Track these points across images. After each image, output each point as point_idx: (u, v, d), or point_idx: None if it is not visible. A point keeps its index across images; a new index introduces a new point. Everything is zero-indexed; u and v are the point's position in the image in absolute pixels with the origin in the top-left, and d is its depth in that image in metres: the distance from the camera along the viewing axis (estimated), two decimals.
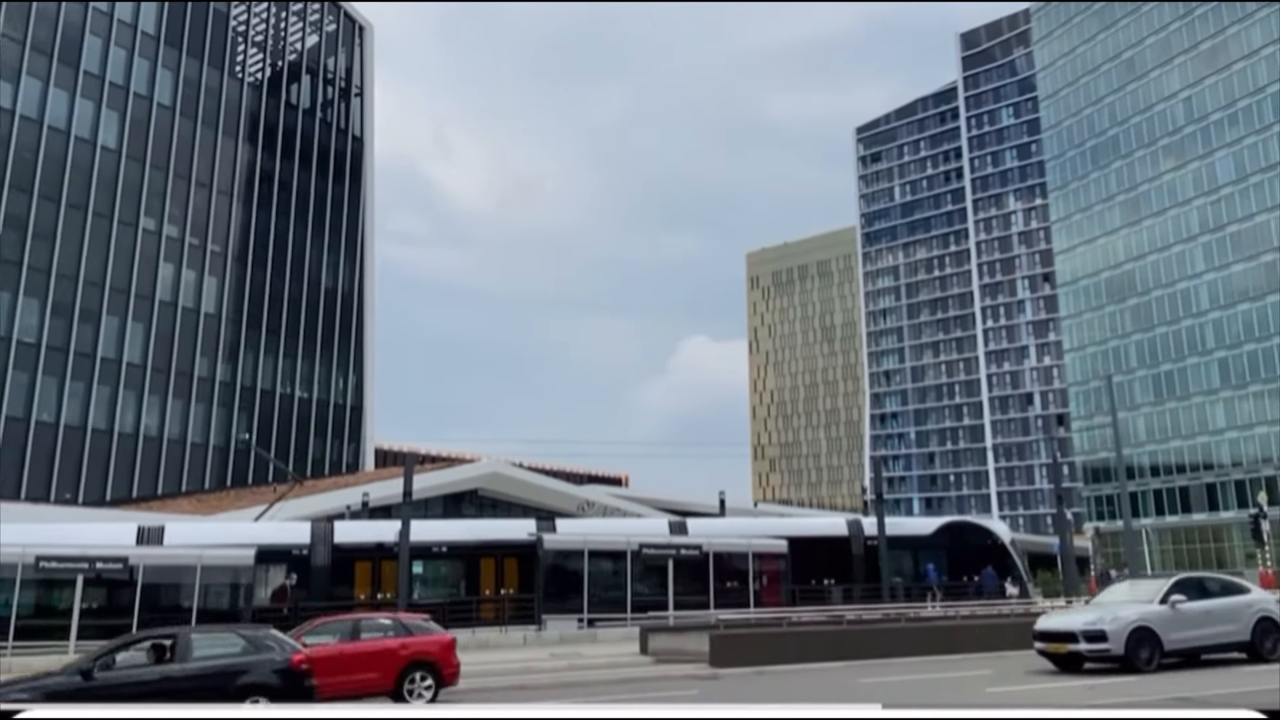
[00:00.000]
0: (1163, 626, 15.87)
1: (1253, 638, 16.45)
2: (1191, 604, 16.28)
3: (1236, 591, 17.39)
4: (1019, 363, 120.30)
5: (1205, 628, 16.28)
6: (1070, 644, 16.07)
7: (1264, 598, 17.50)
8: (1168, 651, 15.85)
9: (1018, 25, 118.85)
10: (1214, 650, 16.48)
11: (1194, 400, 78.57)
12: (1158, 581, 17.83)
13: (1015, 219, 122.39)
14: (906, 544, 32.17)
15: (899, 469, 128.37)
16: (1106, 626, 15.68)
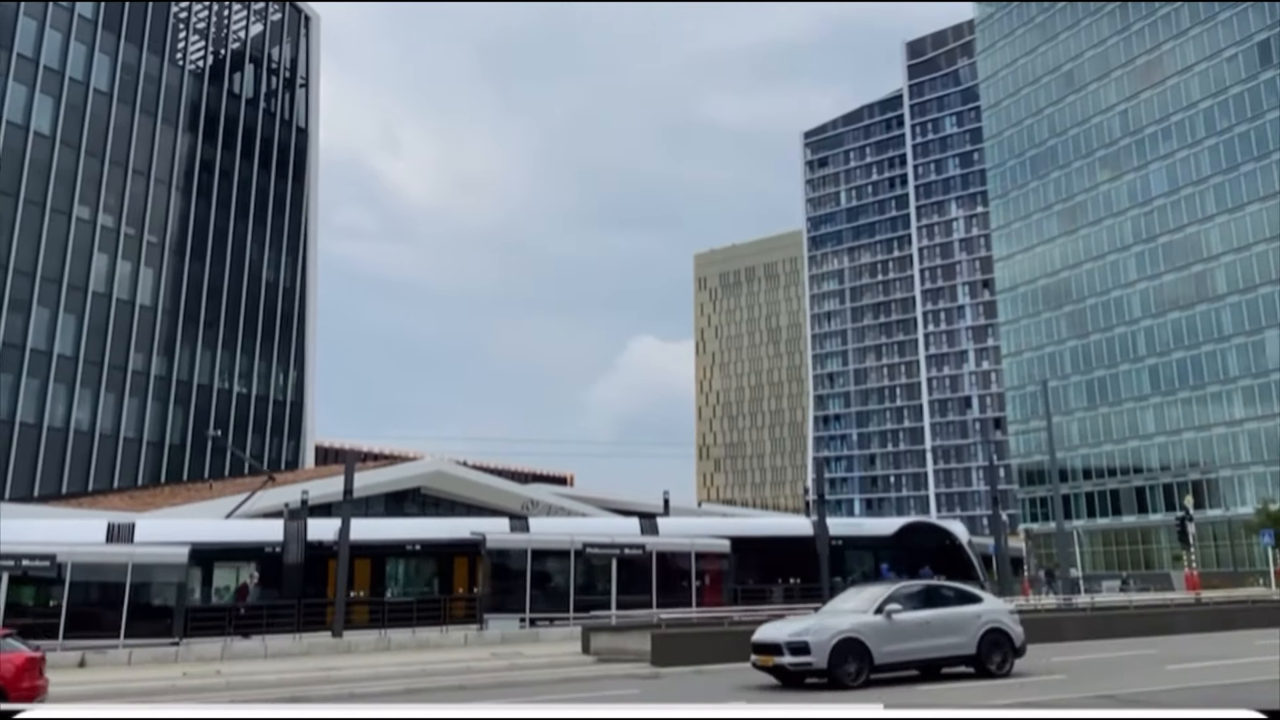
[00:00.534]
0: (875, 638, 14.64)
1: (978, 650, 15.34)
2: (910, 614, 15.15)
3: (968, 600, 16.25)
4: (959, 367, 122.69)
5: (924, 639, 15.11)
6: (776, 656, 14.70)
7: (995, 608, 16.43)
8: (879, 665, 14.59)
9: (963, 36, 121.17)
10: (935, 664, 15.40)
11: (1125, 406, 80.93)
12: (878, 588, 16.66)
13: (957, 226, 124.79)
14: (869, 544, 33.03)
15: (841, 470, 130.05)
16: (810, 638, 14.47)
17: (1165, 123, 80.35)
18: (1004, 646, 15.59)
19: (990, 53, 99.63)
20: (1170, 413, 77.48)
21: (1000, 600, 17.14)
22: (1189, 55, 79.19)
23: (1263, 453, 70.66)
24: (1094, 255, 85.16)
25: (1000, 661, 15.44)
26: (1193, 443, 75.64)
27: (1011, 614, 16.42)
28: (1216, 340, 74.51)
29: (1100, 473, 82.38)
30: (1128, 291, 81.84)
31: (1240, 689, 13.20)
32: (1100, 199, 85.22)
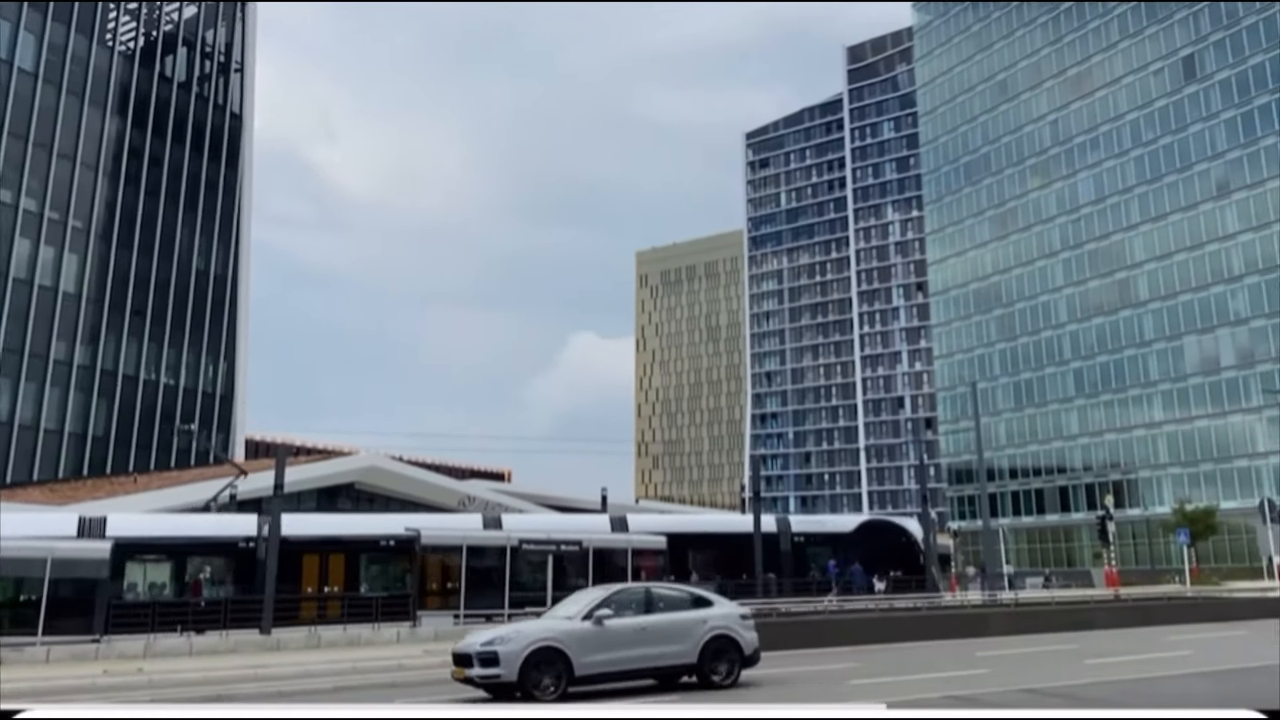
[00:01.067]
0: (578, 647, 13.46)
1: (700, 660, 14.21)
2: (624, 620, 14.03)
3: (699, 605, 15.04)
4: (892, 367, 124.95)
5: (639, 648, 13.94)
6: (467, 668, 13.41)
7: (724, 613, 15.03)
8: (581, 677, 13.35)
9: (901, 42, 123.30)
10: (652, 674, 14.24)
11: (1050, 407, 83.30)
12: (594, 592, 15.36)
13: (893, 229, 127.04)
14: (829, 540, 34.05)
15: (777, 468, 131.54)
16: (500, 648, 13.28)
17: (1094, 133, 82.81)
18: (730, 655, 14.48)
19: (928, 60, 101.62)
20: (1093, 415, 79.99)
21: (734, 605, 15.89)
22: (1117, 68, 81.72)
23: (1180, 454, 73.34)
24: (1023, 261, 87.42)
25: (726, 671, 14.32)
26: (1114, 444, 78.20)
27: (744, 619, 15.13)
28: (1138, 345, 77.08)
29: (1026, 472, 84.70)
30: (1055, 296, 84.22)
31: (1153, 683, 13.71)
32: (1030, 206, 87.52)
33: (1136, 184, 78.71)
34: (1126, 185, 79.53)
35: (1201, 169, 74.19)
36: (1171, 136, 76.63)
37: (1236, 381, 70.13)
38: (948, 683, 14.44)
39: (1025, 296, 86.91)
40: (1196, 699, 11.67)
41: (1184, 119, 75.90)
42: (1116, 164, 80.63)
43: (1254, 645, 19.53)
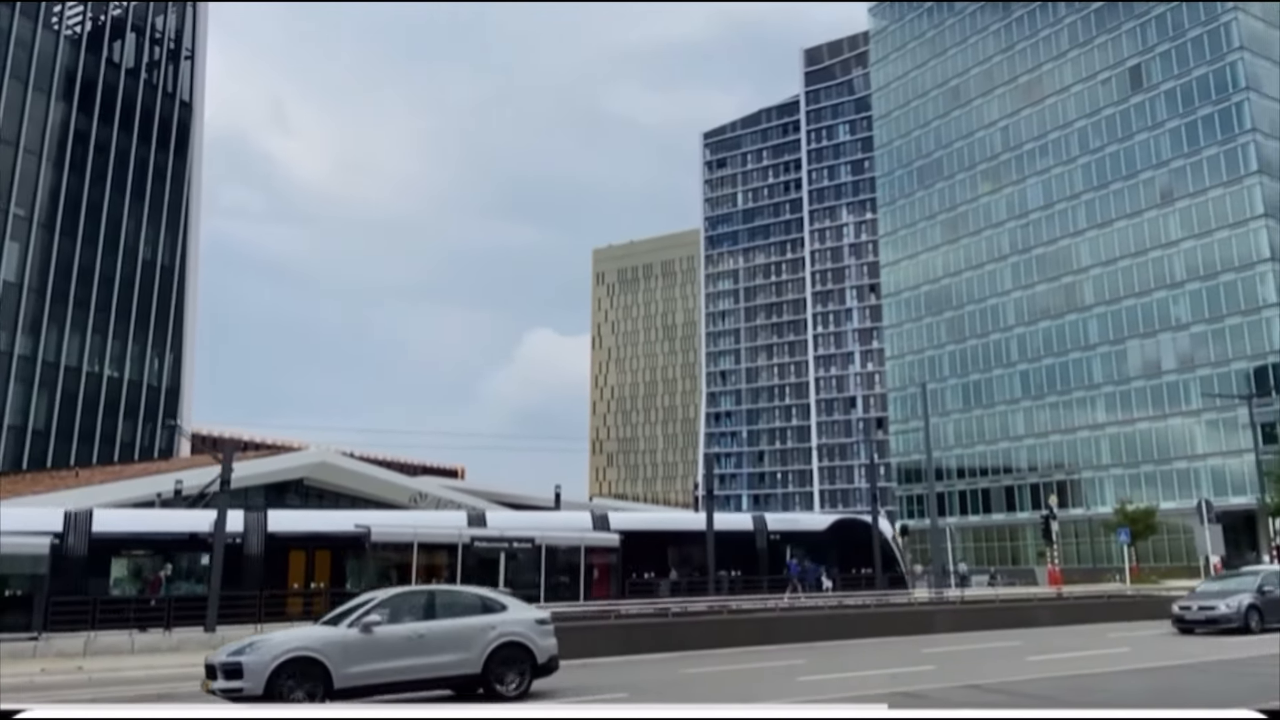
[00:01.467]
0: (339, 656, 12.22)
1: (485, 670, 13.05)
2: (397, 627, 12.86)
3: (488, 610, 13.81)
4: (845, 368, 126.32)
5: (414, 657, 12.74)
6: (211, 680, 12.16)
7: (518, 619, 13.86)
8: (342, 690, 12.16)
9: (858, 46, 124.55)
10: (432, 685, 13.00)
11: (998, 408, 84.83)
12: (372, 595, 14.04)
13: (847, 231, 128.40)
14: (804, 539, 34.60)
15: (730, 466, 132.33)
16: (245, 658, 11.98)
17: (1043, 140, 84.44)
18: (520, 664, 13.35)
19: (883, 64, 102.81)
20: (1039, 416, 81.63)
21: (532, 609, 14.90)
22: (1066, 76, 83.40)
23: (1122, 456, 75.15)
24: (973, 264, 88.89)
25: (516, 683, 13.23)
26: (1058, 445, 79.87)
27: (541, 624, 13.96)
28: (1083, 348, 78.81)
29: (973, 472, 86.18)
30: (1003, 300, 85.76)
31: (1092, 679, 14.04)
32: (981, 210, 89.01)
33: (1084, 190, 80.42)
34: (1074, 192, 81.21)
35: (1147, 177, 76.02)
36: (1118, 145, 78.42)
37: (1177, 385, 72.01)
38: (895, 679, 14.65)
39: (975, 299, 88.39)
40: (1133, 696, 11.99)
41: (1130, 128, 77.69)
42: (1065, 171, 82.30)
43: (1188, 644, 20.14)
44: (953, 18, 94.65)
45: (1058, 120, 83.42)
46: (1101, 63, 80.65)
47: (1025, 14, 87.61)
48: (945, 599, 29.41)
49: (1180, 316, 72.43)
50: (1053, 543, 48.53)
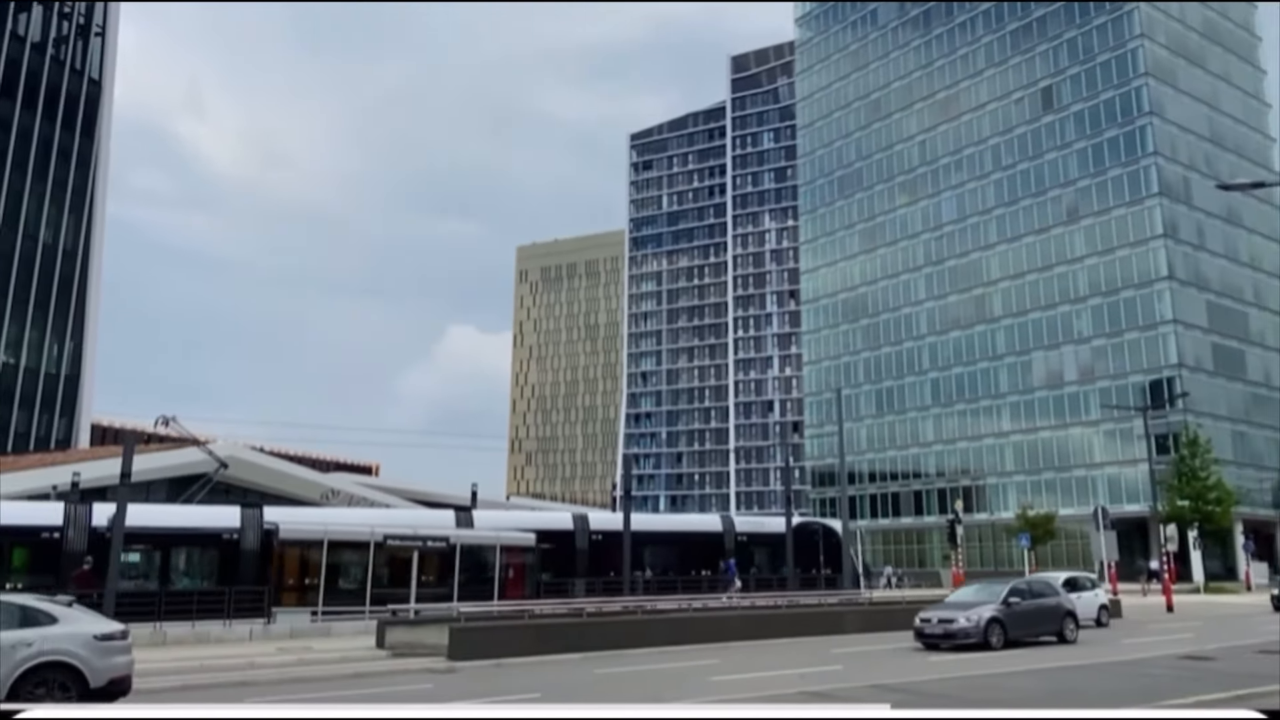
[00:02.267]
0: None
1: (13, 696, 11.04)
2: None
3: (28, 623, 11.70)
4: (764, 372, 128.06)
5: None
6: None
7: (66, 634, 11.81)
8: None
9: (784, 56, 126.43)
10: None
11: (909, 415, 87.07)
12: None
13: (769, 237, 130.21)
14: (767, 540, 35.95)
15: (649, 467, 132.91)
16: None
17: (958, 155, 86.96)
18: (63, 690, 11.35)
19: (808, 75, 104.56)
20: (947, 423, 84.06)
21: (99, 622, 12.74)
22: (982, 94, 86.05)
23: (1024, 463, 77.87)
24: (889, 273, 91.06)
25: None
26: (965, 451, 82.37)
27: (102, 640, 12.03)
28: (991, 359, 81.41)
29: (884, 476, 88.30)
30: (916, 309, 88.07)
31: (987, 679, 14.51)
32: (898, 221, 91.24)
33: (995, 206, 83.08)
34: (986, 207, 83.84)
35: (1055, 195, 78.91)
36: (1029, 163, 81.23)
37: (1078, 396, 74.94)
38: (804, 679, 14.93)
39: (890, 308, 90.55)
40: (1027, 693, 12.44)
41: (1040, 147, 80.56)
42: (978, 186, 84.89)
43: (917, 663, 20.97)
44: (876, 32, 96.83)
45: (973, 137, 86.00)
46: (1015, 83, 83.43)
47: (945, 32, 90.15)
48: (855, 600, 30.02)
49: (1082, 330, 75.38)
50: (957, 546, 49.94)
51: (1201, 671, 14.64)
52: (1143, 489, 60.66)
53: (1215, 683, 13.06)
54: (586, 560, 32.20)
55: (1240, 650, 17.68)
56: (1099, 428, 72.97)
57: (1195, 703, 11.53)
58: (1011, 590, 20.96)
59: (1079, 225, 76.72)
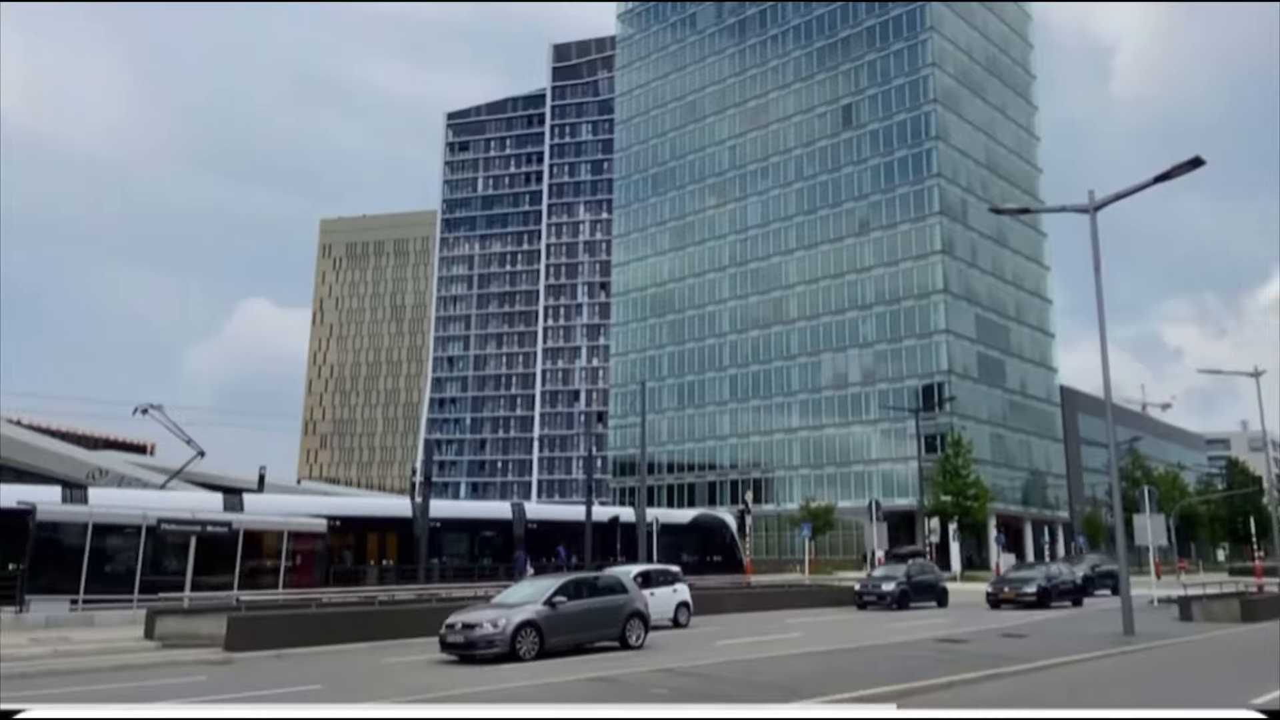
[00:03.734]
0: None
1: None
2: None
3: None
4: (571, 361, 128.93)
5: None
6: None
7: None
8: None
9: (605, 49, 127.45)
10: None
11: (708, 409, 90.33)
12: None
13: (583, 228, 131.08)
14: (671, 530, 38.01)
15: (451, 453, 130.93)
16: None
17: (765, 162, 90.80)
18: None
19: (628, 71, 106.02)
20: (742, 418, 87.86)
21: None
22: (789, 106, 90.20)
23: (810, 457, 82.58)
24: (696, 272, 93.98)
25: None
26: (757, 445, 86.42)
27: None
28: (785, 358, 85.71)
29: (682, 467, 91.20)
30: (720, 308, 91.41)
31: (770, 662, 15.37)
32: (706, 222, 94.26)
33: (795, 214, 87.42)
34: (788, 214, 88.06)
35: (849, 207, 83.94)
36: (828, 175, 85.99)
37: (860, 396, 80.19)
38: (590, 664, 15.28)
39: (695, 305, 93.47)
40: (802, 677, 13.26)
41: (839, 161, 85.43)
42: (781, 193, 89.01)
43: (851, 627, 22.61)
44: (694, 36, 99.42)
45: (779, 146, 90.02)
46: (819, 98, 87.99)
47: (758, 43, 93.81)
48: None
49: (867, 335, 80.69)
50: (745, 536, 52.23)
51: (957, 653, 16.09)
52: (912, 485, 65.66)
53: (967, 664, 14.41)
54: (396, 547, 31.55)
55: (989, 634, 19.55)
56: (877, 427, 78.39)
57: (949, 683, 12.68)
58: (559, 588, 17.47)
59: (869, 237, 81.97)
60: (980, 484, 60.28)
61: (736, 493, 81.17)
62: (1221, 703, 11.58)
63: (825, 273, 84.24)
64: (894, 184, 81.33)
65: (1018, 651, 16.07)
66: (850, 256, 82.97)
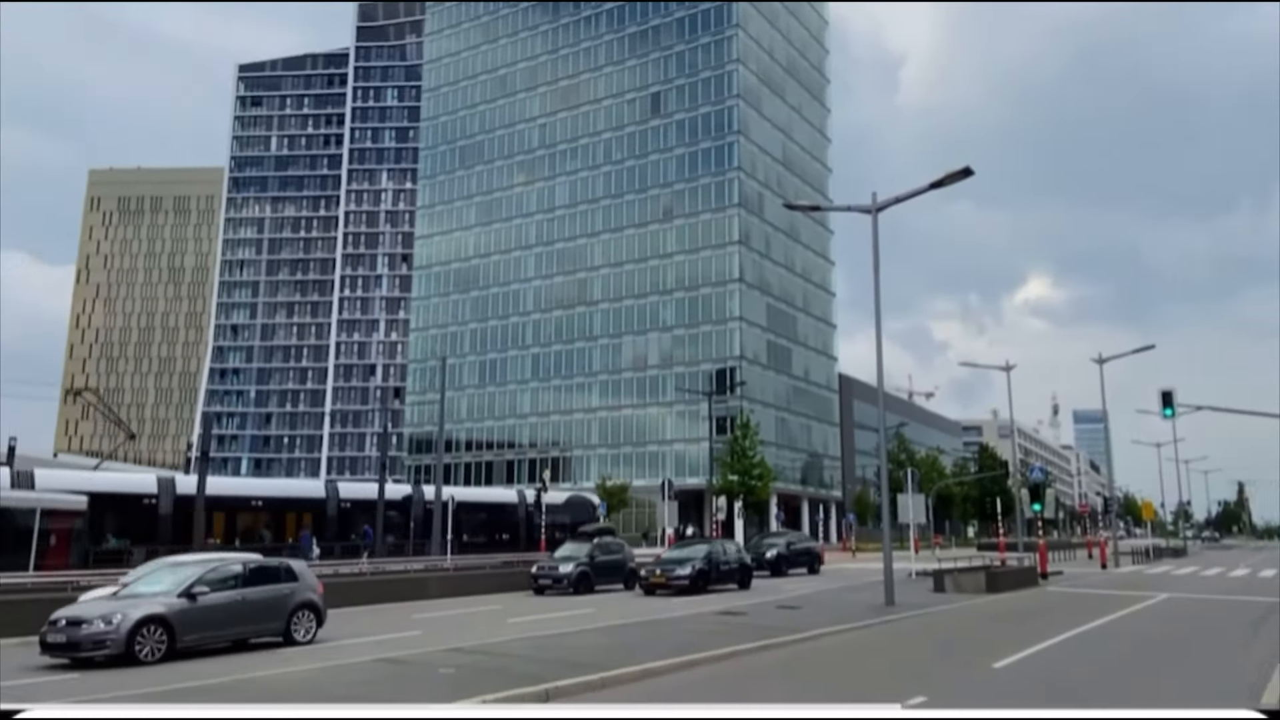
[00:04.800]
0: None
1: None
2: None
3: None
4: (369, 335, 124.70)
5: None
6: None
7: None
8: None
9: (414, 13, 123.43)
10: None
11: (509, 387, 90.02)
12: None
13: (386, 197, 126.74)
14: (550, 511, 39.95)
15: (233, 427, 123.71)
16: None
17: (574, 143, 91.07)
18: None
19: (437, 38, 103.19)
20: (544, 397, 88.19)
21: None
22: (600, 90, 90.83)
23: (608, 437, 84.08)
24: (502, 249, 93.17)
25: None
26: (557, 425, 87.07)
27: None
28: (587, 339, 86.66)
29: (481, 446, 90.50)
30: (525, 286, 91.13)
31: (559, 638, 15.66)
32: (515, 199, 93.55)
33: (603, 197, 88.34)
34: (595, 196, 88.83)
35: (654, 194, 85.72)
36: (635, 161, 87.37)
37: (658, 379, 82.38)
38: (381, 645, 15.04)
39: (500, 282, 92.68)
40: (588, 651, 13.63)
41: (646, 148, 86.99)
42: (590, 175, 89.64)
43: (639, 602, 23.34)
44: (507, 8, 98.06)
45: (589, 128, 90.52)
46: (630, 84, 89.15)
47: (571, 23, 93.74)
48: (440, 567, 30.57)
49: (667, 320, 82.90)
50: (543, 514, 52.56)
51: (737, 624, 17.00)
52: (702, 464, 68.27)
53: (746, 635, 15.26)
54: (171, 526, 29.43)
55: (767, 606, 20.73)
56: (672, 408, 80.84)
57: (730, 653, 13.40)
58: (199, 578, 14.66)
59: (672, 225, 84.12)
60: (765, 464, 63.32)
61: (535, 471, 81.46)
62: (970, 662, 12.93)
63: (629, 257, 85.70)
64: (697, 174, 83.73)
65: (793, 622, 17.20)
66: (654, 242, 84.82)
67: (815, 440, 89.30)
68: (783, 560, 33.47)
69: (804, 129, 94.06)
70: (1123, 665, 12.92)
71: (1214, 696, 10.63)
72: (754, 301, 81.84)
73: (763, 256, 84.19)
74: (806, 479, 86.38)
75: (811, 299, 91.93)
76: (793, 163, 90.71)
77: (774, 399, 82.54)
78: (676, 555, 27.00)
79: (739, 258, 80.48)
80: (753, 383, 77.97)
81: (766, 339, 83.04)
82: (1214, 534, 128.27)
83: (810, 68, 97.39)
